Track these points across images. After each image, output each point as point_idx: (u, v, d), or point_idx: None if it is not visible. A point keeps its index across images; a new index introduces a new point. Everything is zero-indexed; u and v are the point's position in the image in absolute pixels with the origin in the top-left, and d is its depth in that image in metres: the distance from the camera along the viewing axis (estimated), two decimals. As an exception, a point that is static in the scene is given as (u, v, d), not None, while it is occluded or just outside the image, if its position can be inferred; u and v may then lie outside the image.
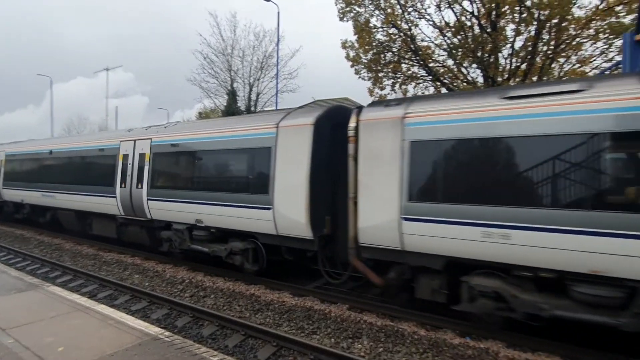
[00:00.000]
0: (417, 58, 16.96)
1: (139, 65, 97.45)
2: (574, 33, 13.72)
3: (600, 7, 13.04)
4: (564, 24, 13.51)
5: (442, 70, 17.08)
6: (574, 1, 12.95)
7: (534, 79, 14.70)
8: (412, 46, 16.58)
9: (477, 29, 15.27)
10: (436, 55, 16.93)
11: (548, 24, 13.63)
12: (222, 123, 10.18)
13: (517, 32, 14.49)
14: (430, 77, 17.32)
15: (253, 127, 8.73)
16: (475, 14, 14.99)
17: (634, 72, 7.17)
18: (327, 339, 6.20)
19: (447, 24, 15.99)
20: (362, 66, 17.73)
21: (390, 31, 16.65)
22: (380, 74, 17.83)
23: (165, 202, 10.22)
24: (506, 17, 14.64)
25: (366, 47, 17.09)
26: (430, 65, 16.97)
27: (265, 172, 8.17)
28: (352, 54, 17.80)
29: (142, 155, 11.02)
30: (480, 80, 15.99)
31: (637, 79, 4.98)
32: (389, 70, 17.76)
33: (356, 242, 6.96)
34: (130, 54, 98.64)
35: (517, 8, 13.96)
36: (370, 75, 17.90)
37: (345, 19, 17.37)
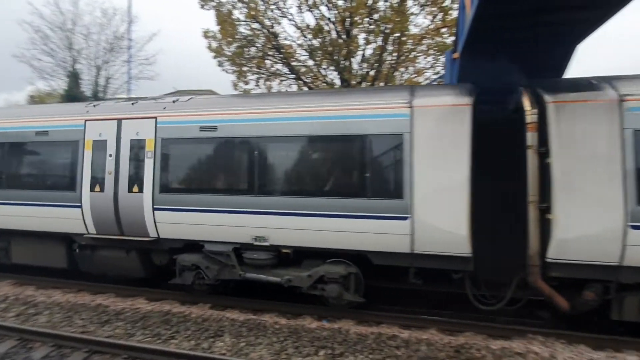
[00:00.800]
0: (281, 56, 17.35)
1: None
2: (411, 47, 15.95)
3: (430, 27, 15.44)
4: (403, 39, 15.56)
5: (303, 69, 17.84)
6: (410, 19, 15.07)
7: (382, 84, 16.58)
8: (274, 43, 16.87)
9: (334, 34, 16.40)
10: (298, 55, 17.58)
11: (391, 37, 15.50)
12: (305, 98, 7.37)
13: (367, 41, 16.09)
14: (294, 75, 17.92)
15: (369, 106, 6.48)
16: (332, 19, 16.07)
17: None
18: (186, 342, 5.95)
19: (307, 25, 16.73)
20: (226, 58, 17.30)
21: (254, 26, 16.62)
22: (245, 68, 17.65)
23: (192, 213, 7.18)
24: (359, 27, 16.08)
25: (229, 39, 16.71)
26: (293, 64, 17.55)
27: (396, 169, 6.27)
28: (214, 44, 17.21)
29: (137, 143, 7.64)
30: (338, 82, 17.25)
31: None
32: (253, 65, 17.73)
33: (542, 259, 5.71)
34: None
35: (367, 19, 15.49)
36: (234, 68, 17.60)
37: (206, 7, 16.65)
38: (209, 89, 24.36)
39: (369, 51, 16.35)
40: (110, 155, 7.78)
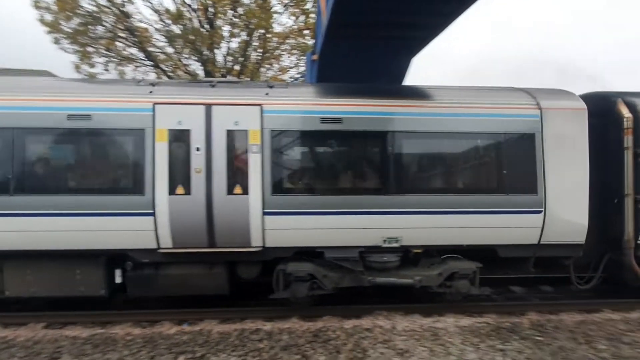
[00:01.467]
0: (135, 39, 15.74)
1: None
2: (275, 45, 16.28)
3: (294, 27, 16.03)
4: (268, 36, 15.78)
5: (162, 57, 16.55)
6: (274, 17, 15.41)
7: (247, 79, 16.50)
8: (126, 24, 15.22)
9: (196, 22, 15.62)
10: (155, 40, 16.23)
11: (256, 33, 15.56)
12: (440, 94, 7.01)
13: (232, 34, 15.81)
14: (151, 62, 16.48)
15: (503, 105, 6.77)
16: (194, 7, 15.29)
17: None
18: (10, 372, 5.01)
19: (167, 10, 15.56)
20: (64, 36, 14.89)
21: (100, 1, 14.69)
22: (90, 49, 15.51)
23: (311, 216, 6.38)
24: (222, 18, 15.66)
25: (68, 13, 14.41)
26: (150, 49, 16.12)
27: (528, 166, 6.65)
28: (48, 18, 14.64)
29: (237, 135, 6.35)
30: (201, 72, 16.52)
31: None
32: (101, 46, 15.69)
33: (636, 243, 6.73)
34: None
35: (231, 12, 15.20)
36: (76, 48, 15.27)
37: (37, -28, 14.04)
38: (44, 70, 20.64)
39: (234, 45, 16.13)
40: (198, 149, 6.31)
